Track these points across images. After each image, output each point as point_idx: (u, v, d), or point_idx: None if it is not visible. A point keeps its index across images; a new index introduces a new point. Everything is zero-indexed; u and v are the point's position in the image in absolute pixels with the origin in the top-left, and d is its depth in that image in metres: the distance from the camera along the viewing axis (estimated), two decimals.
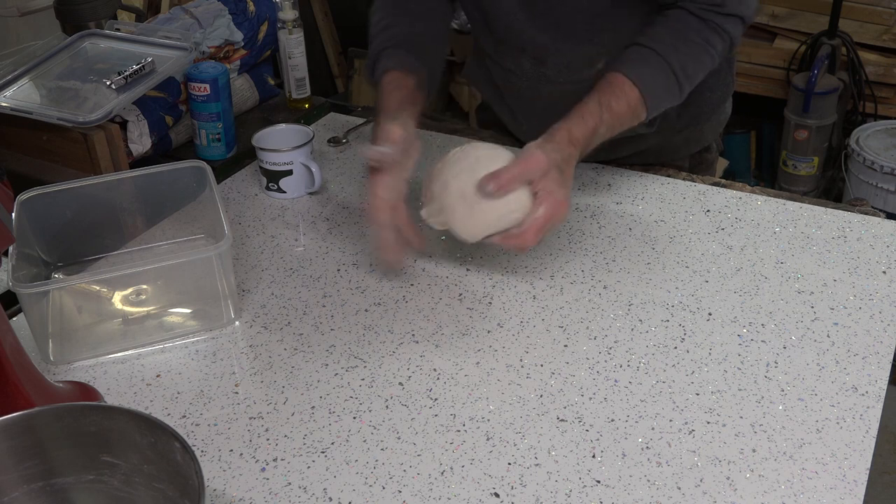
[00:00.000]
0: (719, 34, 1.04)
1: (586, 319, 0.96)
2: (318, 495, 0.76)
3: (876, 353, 0.90)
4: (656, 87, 1.03)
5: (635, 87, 1.01)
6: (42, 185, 1.03)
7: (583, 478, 0.77)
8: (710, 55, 1.05)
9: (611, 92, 1.01)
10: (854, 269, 1.03)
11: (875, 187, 2.45)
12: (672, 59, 1.03)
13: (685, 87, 1.05)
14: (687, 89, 1.05)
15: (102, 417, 0.69)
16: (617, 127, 1.02)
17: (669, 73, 1.03)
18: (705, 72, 1.07)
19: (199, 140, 1.34)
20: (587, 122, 0.99)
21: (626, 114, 1.02)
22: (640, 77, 1.02)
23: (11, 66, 1.30)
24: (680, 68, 1.03)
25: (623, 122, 1.03)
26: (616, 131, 1.03)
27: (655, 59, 1.03)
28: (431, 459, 0.79)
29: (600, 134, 1.01)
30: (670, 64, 1.02)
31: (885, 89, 2.61)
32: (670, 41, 1.03)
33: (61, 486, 0.71)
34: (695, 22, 1.03)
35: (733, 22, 1.04)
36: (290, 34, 1.40)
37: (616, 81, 1.02)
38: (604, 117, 1.00)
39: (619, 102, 1.01)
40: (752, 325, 0.94)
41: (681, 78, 1.03)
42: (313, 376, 0.90)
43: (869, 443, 0.80)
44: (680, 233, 1.10)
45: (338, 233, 1.14)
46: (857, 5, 2.64)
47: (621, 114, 1.01)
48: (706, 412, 0.84)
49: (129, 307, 0.99)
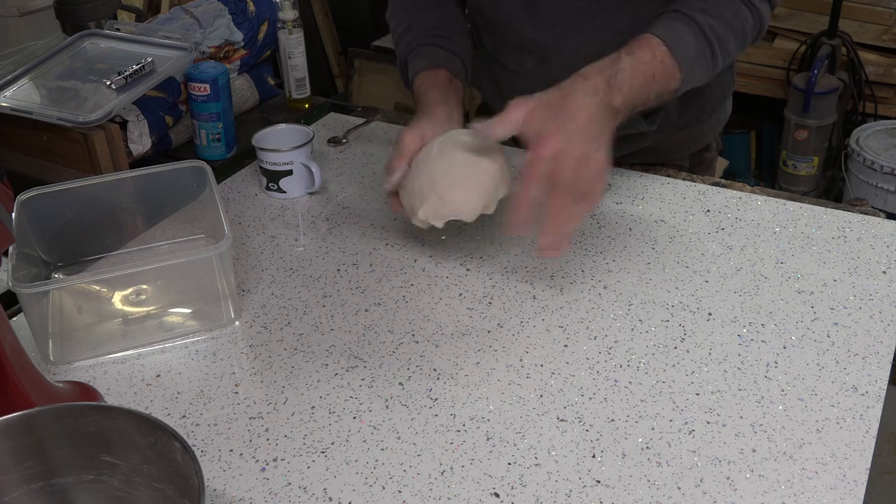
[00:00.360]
0: (749, 8, 1.00)
1: (586, 319, 0.96)
2: (318, 495, 0.76)
3: (876, 353, 0.90)
4: (685, 45, 0.96)
5: (663, 44, 0.95)
6: (42, 185, 1.02)
7: (583, 478, 0.77)
8: (742, 25, 1.00)
9: (635, 44, 0.96)
10: (854, 269, 1.03)
11: (875, 187, 2.45)
12: (701, 19, 0.98)
13: (717, 50, 0.99)
14: (719, 55, 0.99)
15: (102, 417, 0.69)
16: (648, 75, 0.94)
17: (699, 32, 0.97)
18: (738, 43, 1.01)
19: (199, 140, 1.34)
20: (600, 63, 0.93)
21: (652, 63, 0.94)
22: (666, 34, 0.96)
23: (11, 66, 1.30)
24: (710, 29, 0.97)
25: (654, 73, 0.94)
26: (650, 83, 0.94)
27: (682, 18, 0.98)
28: (431, 459, 0.79)
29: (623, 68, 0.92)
30: (699, 24, 0.97)
31: (885, 89, 2.61)
32: (699, 6, 0.99)
33: (61, 486, 0.71)
34: None
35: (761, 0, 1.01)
36: (290, 34, 1.40)
37: (641, 38, 0.97)
38: (622, 59, 0.93)
39: (643, 52, 0.94)
40: (752, 325, 0.94)
41: (712, 40, 0.98)
42: (313, 376, 0.90)
43: (869, 443, 0.80)
44: (680, 233, 1.10)
45: (338, 233, 1.14)
46: (857, 5, 2.64)
47: (647, 62, 0.94)
48: (706, 412, 0.84)
49: (129, 307, 0.99)
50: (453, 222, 1.00)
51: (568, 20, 1.11)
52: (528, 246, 1.08)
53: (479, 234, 1.10)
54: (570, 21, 1.11)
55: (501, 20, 1.15)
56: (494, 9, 1.14)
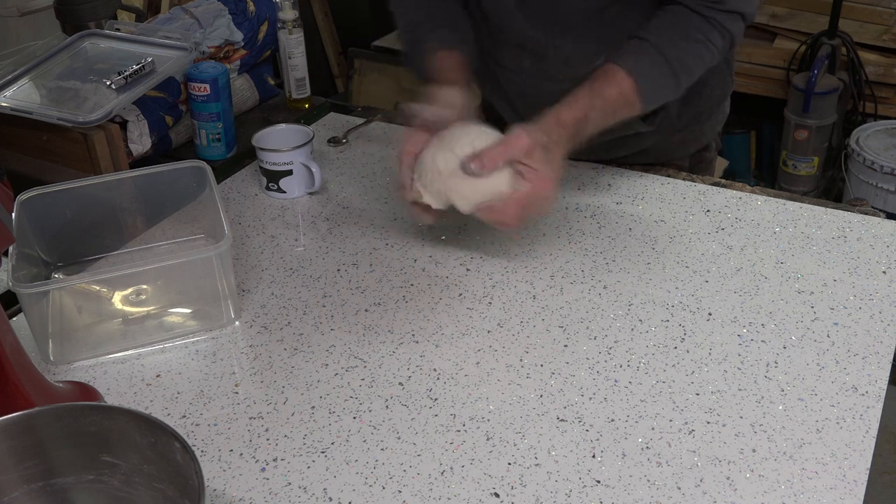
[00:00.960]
0: (719, 31, 1.04)
1: (586, 319, 0.96)
2: (318, 495, 0.76)
3: (876, 353, 0.90)
4: (651, 78, 1.02)
5: (629, 77, 1.01)
6: (42, 185, 1.03)
7: (583, 478, 0.77)
8: (710, 51, 1.05)
9: (603, 80, 1.02)
10: (854, 269, 1.03)
11: (875, 187, 2.45)
12: (669, 51, 1.02)
13: (683, 80, 1.04)
14: (685, 83, 1.05)
15: (102, 417, 0.69)
16: (610, 114, 1.02)
17: (665, 64, 1.02)
18: (705, 67, 1.06)
19: (199, 140, 1.34)
20: (577, 106, 1.00)
21: (618, 101, 1.02)
22: (634, 67, 1.02)
23: (11, 66, 1.30)
24: (677, 60, 1.03)
25: (616, 110, 1.03)
26: (610, 120, 1.03)
27: (651, 51, 1.03)
28: (431, 459, 0.79)
29: (592, 120, 1.01)
30: (666, 56, 1.02)
31: (885, 89, 2.61)
32: (668, 35, 1.03)
33: (61, 486, 0.71)
34: (695, 18, 1.03)
35: (734, 19, 1.04)
36: (290, 34, 1.40)
37: (610, 71, 1.02)
38: (595, 103, 1.01)
39: (611, 90, 1.01)
40: (752, 325, 0.94)
41: (678, 71, 1.03)
42: (313, 376, 0.90)
43: (869, 443, 0.80)
44: (680, 233, 1.10)
45: (338, 233, 1.14)
46: (857, 5, 2.64)
47: (613, 100, 1.01)
48: (706, 412, 0.84)
49: (129, 307, 0.99)
50: (453, 223, 1.00)
51: (563, 18, 1.11)
52: (527, 246, 1.08)
53: (479, 234, 1.10)
54: (565, 19, 1.11)
55: (498, 18, 1.15)
56: (492, 6, 1.15)
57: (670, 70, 1.03)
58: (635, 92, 1.02)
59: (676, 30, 1.04)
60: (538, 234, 1.10)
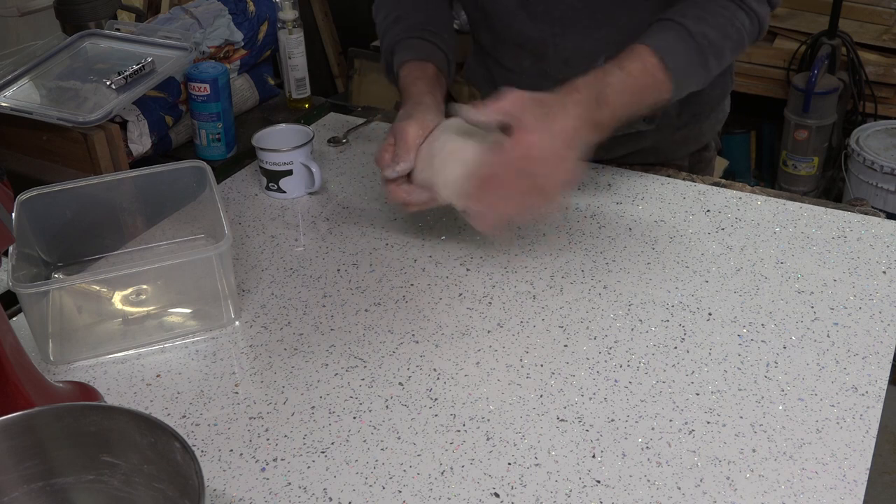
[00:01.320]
0: (746, 12, 1.00)
1: (586, 319, 0.96)
2: (318, 495, 0.76)
3: (876, 353, 0.90)
4: (677, 55, 0.97)
5: (654, 54, 0.96)
6: (42, 185, 1.03)
7: (583, 478, 0.77)
8: (738, 31, 1.00)
9: (626, 55, 0.96)
10: (854, 269, 1.03)
11: (875, 187, 2.45)
12: (694, 28, 0.98)
13: (711, 61, 0.99)
14: (714, 63, 0.99)
15: (102, 417, 0.69)
16: (636, 89, 0.95)
17: (691, 41, 0.97)
18: (734, 48, 1.02)
19: (199, 140, 1.34)
20: (593, 74, 0.94)
21: (643, 75, 0.95)
22: (658, 44, 0.96)
23: (11, 66, 1.30)
24: (703, 37, 0.98)
25: (643, 87, 0.96)
26: (637, 96, 0.96)
27: (676, 28, 0.98)
28: (431, 459, 0.79)
29: (613, 88, 0.93)
30: (692, 33, 0.97)
31: (885, 89, 2.61)
32: (693, 13, 0.99)
33: (61, 486, 0.71)
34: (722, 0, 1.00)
35: (760, 2, 1.01)
36: (290, 34, 1.40)
37: (633, 48, 0.97)
38: (613, 72, 0.94)
39: (634, 63, 0.95)
40: (752, 325, 0.94)
41: (705, 48, 0.98)
42: (313, 376, 0.90)
43: (869, 443, 0.80)
44: (680, 233, 1.10)
45: (338, 233, 1.14)
46: (857, 5, 2.64)
47: (637, 74, 0.95)
48: (706, 412, 0.84)
49: (129, 307, 0.99)
50: (453, 222, 1.00)
51: (564, 18, 1.11)
52: (528, 246, 1.08)
53: (479, 235, 1.10)
54: (566, 19, 1.11)
55: (499, 17, 1.15)
56: (492, 5, 1.15)
57: (697, 48, 0.97)
58: (662, 69, 0.95)
59: (702, 8, 1.00)
60: (538, 234, 1.10)
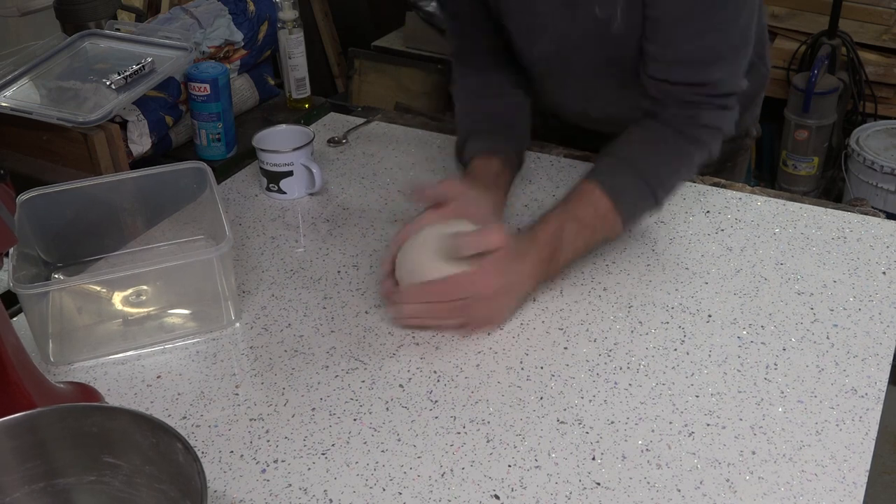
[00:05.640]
0: (697, 145, 1.04)
1: (586, 321, 0.96)
2: (319, 497, 0.76)
3: (875, 354, 0.90)
4: (628, 197, 1.00)
5: (605, 196, 0.99)
6: (42, 185, 1.03)
7: (583, 480, 0.77)
8: (690, 162, 1.04)
9: (577, 199, 1.00)
10: (854, 270, 1.03)
11: (875, 187, 2.45)
12: (645, 168, 1.01)
13: (661, 194, 1.03)
14: (663, 196, 1.03)
15: (105, 418, 0.69)
16: (587, 233, 1.00)
17: (642, 182, 1.01)
18: (683, 180, 1.07)
19: (199, 140, 1.34)
20: (548, 224, 0.98)
21: (593, 219, 0.99)
22: (610, 186, 1.00)
23: (11, 66, 1.30)
24: (654, 178, 1.02)
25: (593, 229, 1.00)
26: (588, 239, 1.00)
27: (627, 171, 1.01)
28: (432, 461, 0.80)
29: (567, 238, 0.98)
30: (643, 174, 1.01)
31: (885, 89, 2.61)
32: (644, 150, 1.03)
33: (63, 487, 0.71)
34: (670, 133, 1.03)
35: (711, 133, 1.04)
36: (290, 34, 1.40)
37: (585, 189, 1.01)
38: (567, 222, 0.98)
39: (586, 209, 0.99)
40: (752, 326, 0.95)
41: (655, 187, 1.02)
42: (314, 378, 0.90)
43: (868, 445, 0.80)
44: (679, 234, 1.10)
45: (338, 234, 1.14)
46: (857, 5, 2.64)
47: (587, 220, 0.99)
48: (706, 414, 0.84)
49: (130, 308, 0.99)
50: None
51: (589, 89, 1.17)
52: None
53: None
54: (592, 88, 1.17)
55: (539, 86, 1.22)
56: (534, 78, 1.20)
57: (647, 187, 1.01)
58: (613, 211, 0.99)
59: (653, 147, 1.04)
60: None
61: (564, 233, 0.98)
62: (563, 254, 0.98)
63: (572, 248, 0.99)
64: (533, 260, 0.96)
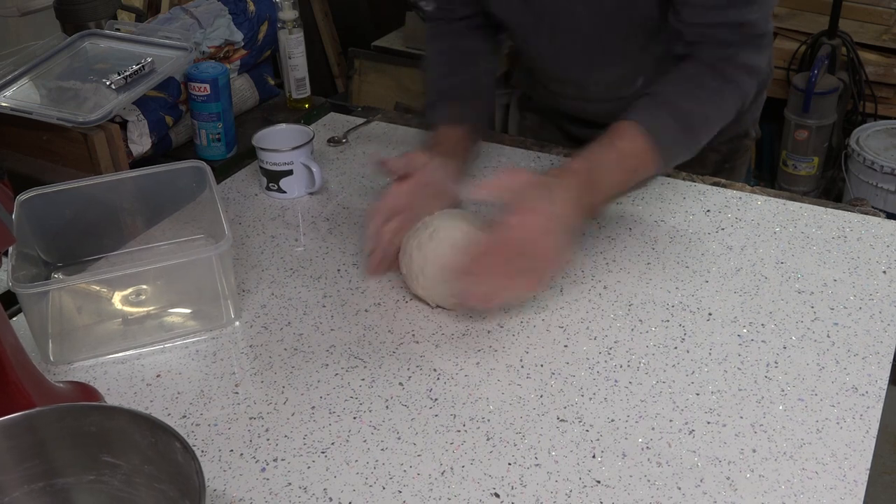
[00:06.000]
0: (732, 85, 1.04)
1: (586, 319, 0.96)
2: (319, 495, 0.76)
3: (876, 353, 0.90)
4: (667, 136, 1.00)
5: (645, 135, 0.99)
6: (42, 185, 1.03)
7: (583, 478, 0.77)
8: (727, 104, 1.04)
9: (616, 135, 1.00)
10: (854, 269, 1.03)
11: (875, 187, 2.45)
12: (685, 106, 1.01)
13: (699, 136, 1.03)
14: (702, 135, 1.03)
15: (103, 418, 0.69)
16: (628, 167, 0.99)
17: (682, 120, 1.01)
18: (722, 118, 1.05)
19: (199, 140, 1.34)
20: (587, 155, 0.98)
21: (633, 153, 0.98)
22: (650, 125, 0.99)
23: (11, 66, 1.30)
24: (692, 116, 1.02)
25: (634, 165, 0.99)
26: (628, 174, 0.99)
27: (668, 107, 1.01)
28: (431, 459, 0.79)
29: (606, 167, 0.97)
30: (683, 112, 1.01)
31: (885, 89, 2.61)
32: (683, 88, 1.03)
33: (62, 487, 0.71)
34: (708, 74, 1.03)
35: (748, 73, 1.04)
36: (290, 34, 1.40)
37: (623, 127, 1.00)
38: (605, 154, 0.98)
39: (624, 143, 0.99)
40: (752, 325, 0.94)
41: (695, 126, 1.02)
42: (313, 376, 0.90)
43: (869, 443, 0.80)
44: (680, 233, 1.10)
45: (338, 233, 1.14)
46: (857, 5, 2.64)
47: (628, 153, 0.98)
48: (706, 412, 0.84)
49: (129, 307, 0.99)
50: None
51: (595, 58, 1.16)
52: None
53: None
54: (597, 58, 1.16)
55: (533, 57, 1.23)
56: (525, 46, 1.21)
57: (687, 126, 1.01)
58: (651, 150, 0.99)
59: (689, 83, 1.04)
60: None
61: (604, 158, 0.96)
62: (601, 182, 0.96)
63: (610, 179, 0.97)
64: (570, 184, 0.93)
